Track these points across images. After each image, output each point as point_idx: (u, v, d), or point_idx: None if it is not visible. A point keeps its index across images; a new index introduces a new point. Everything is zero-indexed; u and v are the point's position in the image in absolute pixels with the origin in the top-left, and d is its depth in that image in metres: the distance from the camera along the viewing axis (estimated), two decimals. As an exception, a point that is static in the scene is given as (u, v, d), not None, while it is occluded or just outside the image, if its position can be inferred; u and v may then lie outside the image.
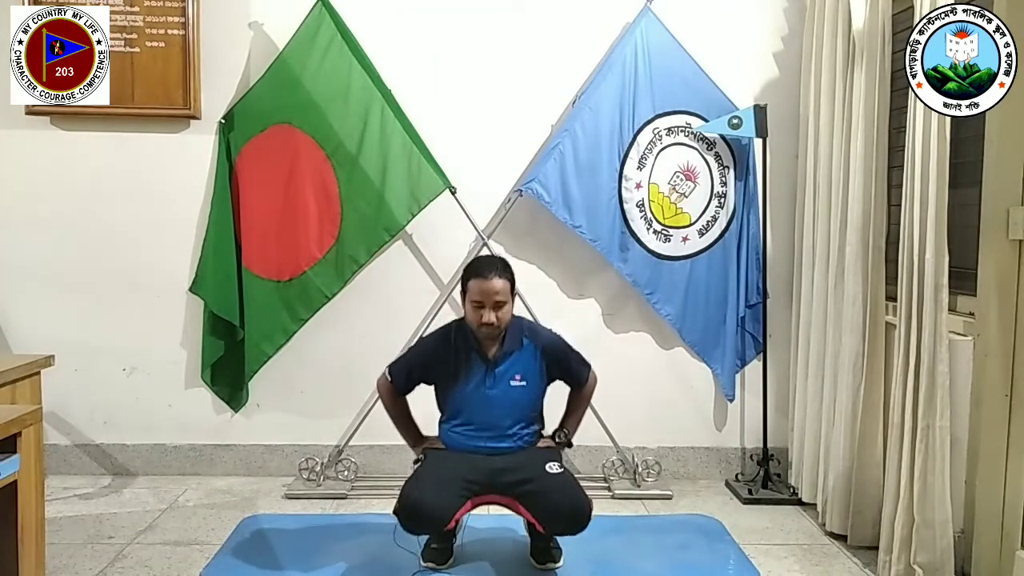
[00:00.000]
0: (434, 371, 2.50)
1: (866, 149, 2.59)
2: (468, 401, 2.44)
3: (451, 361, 2.45)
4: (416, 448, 2.56)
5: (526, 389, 2.46)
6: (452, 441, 2.48)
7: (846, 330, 2.70)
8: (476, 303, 2.37)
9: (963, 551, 2.34)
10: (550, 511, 2.32)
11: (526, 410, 2.49)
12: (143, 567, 2.46)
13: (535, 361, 2.47)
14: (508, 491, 2.37)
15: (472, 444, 2.43)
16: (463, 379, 2.44)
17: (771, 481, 3.19)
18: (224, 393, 3.26)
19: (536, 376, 2.48)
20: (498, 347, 2.44)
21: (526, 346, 2.47)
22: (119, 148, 3.19)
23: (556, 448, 2.53)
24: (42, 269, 3.22)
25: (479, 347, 2.44)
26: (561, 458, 2.48)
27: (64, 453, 3.28)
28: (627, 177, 3.13)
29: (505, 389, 2.43)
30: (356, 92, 3.04)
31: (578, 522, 2.30)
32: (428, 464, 2.44)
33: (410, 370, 2.52)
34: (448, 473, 2.36)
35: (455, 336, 2.48)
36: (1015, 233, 2.19)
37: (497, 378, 2.43)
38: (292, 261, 3.11)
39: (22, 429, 1.70)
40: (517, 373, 2.45)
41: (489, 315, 2.35)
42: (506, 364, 2.44)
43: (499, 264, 2.44)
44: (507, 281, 2.40)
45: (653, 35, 3.12)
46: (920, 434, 2.27)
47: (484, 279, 2.36)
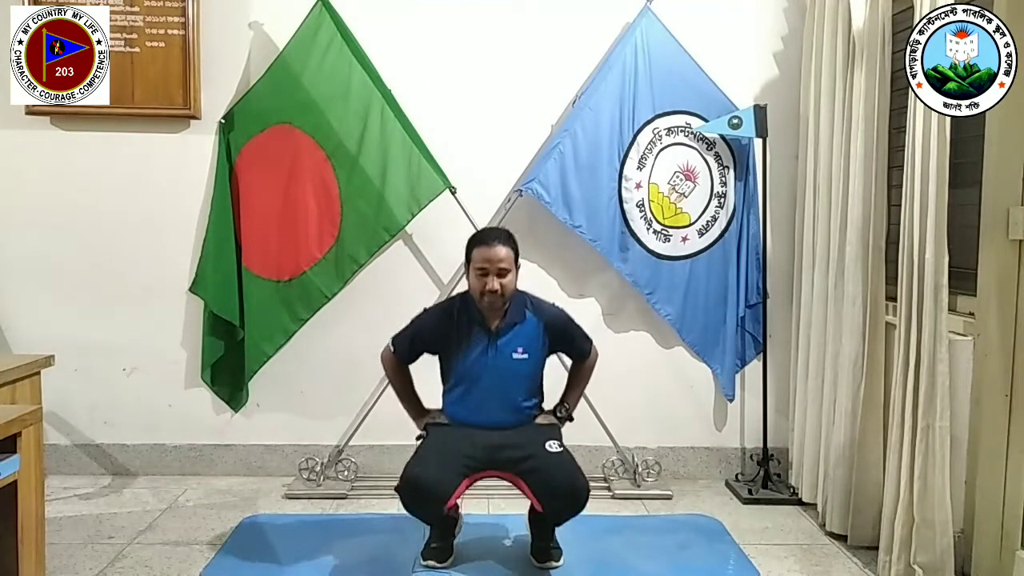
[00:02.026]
0: (437, 341, 2.50)
1: (866, 149, 2.59)
2: (470, 372, 2.45)
3: (454, 332, 2.46)
4: (419, 420, 2.57)
5: (528, 362, 2.46)
6: (454, 414, 2.48)
7: (846, 330, 2.70)
8: (480, 270, 2.38)
9: (963, 551, 2.34)
10: (549, 488, 2.32)
11: (527, 382, 2.50)
12: (143, 567, 2.46)
13: (537, 334, 2.47)
14: (508, 467, 2.39)
15: (474, 418, 2.44)
16: (465, 350, 2.44)
17: (771, 481, 3.19)
18: (224, 393, 3.25)
19: (538, 349, 2.48)
20: (501, 319, 2.45)
21: (529, 319, 2.47)
22: (119, 148, 3.19)
23: (557, 424, 2.54)
24: (42, 269, 3.22)
25: (482, 319, 2.44)
26: (561, 436, 2.49)
27: (64, 453, 3.28)
28: (627, 177, 3.13)
29: (507, 361, 2.44)
30: (356, 92, 3.04)
31: (576, 501, 2.31)
32: (429, 441, 2.45)
33: (412, 339, 2.52)
34: (449, 449, 2.37)
35: (458, 308, 2.49)
36: (1015, 233, 2.19)
37: (499, 350, 2.43)
38: (292, 261, 3.11)
39: (22, 429, 1.70)
40: (519, 346, 2.45)
41: (493, 282, 2.35)
42: (508, 336, 2.44)
43: (503, 233, 2.46)
44: (511, 250, 2.41)
45: (653, 35, 3.12)
46: (920, 434, 2.27)
47: (488, 246, 2.38)
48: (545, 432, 2.47)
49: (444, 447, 2.39)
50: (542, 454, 2.36)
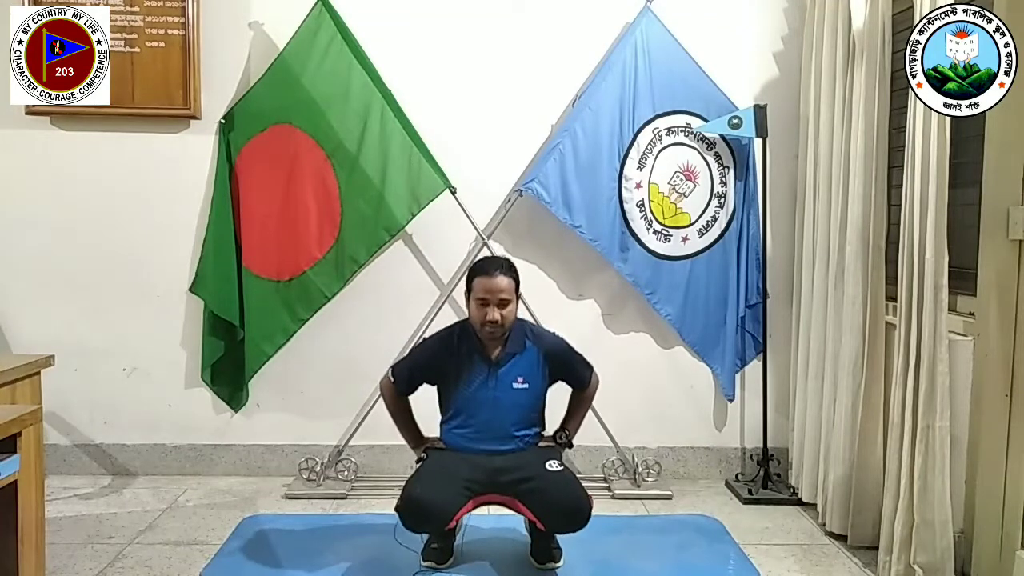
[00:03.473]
0: (436, 372, 2.50)
1: (866, 149, 2.59)
2: (470, 402, 2.44)
3: (453, 362, 2.45)
4: (417, 449, 2.57)
5: (528, 391, 2.46)
6: (453, 442, 2.48)
7: (846, 330, 2.70)
8: (481, 300, 2.37)
9: (963, 551, 2.34)
10: (550, 508, 2.32)
11: (527, 412, 2.49)
12: (143, 567, 2.46)
13: (537, 364, 2.47)
14: (508, 490, 2.37)
15: (473, 446, 2.43)
16: (465, 380, 2.44)
17: (771, 481, 3.19)
18: (224, 393, 3.25)
19: (538, 378, 2.48)
20: (501, 349, 2.45)
21: (529, 348, 2.47)
22: (119, 148, 3.19)
23: (556, 447, 2.53)
24: (42, 269, 3.22)
25: (482, 348, 2.45)
26: (561, 456, 2.48)
27: (64, 453, 3.28)
28: (627, 177, 3.13)
29: (507, 391, 2.43)
30: (356, 92, 3.04)
31: (578, 519, 2.30)
32: (430, 462, 2.44)
33: (412, 371, 2.53)
34: (450, 471, 2.36)
35: (458, 338, 2.48)
36: (1015, 233, 2.19)
37: (499, 380, 2.43)
38: (292, 261, 3.11)
39: (22, 429, 1.71)
40: (519, 375, 2.45)
41: (494, 313, 2.35)
42: (508, 366, 2.44)
43: (504, 263, 2.45)
44: (512, 280, 2.41)
45: (653, 35, 3.12)
46: (920, 434, 2.27)
47: (489, 276, 2.37)
48: (544, 453, 2.46)
49: (445, 469, 2.38)
50: (542, 474, 2.35)
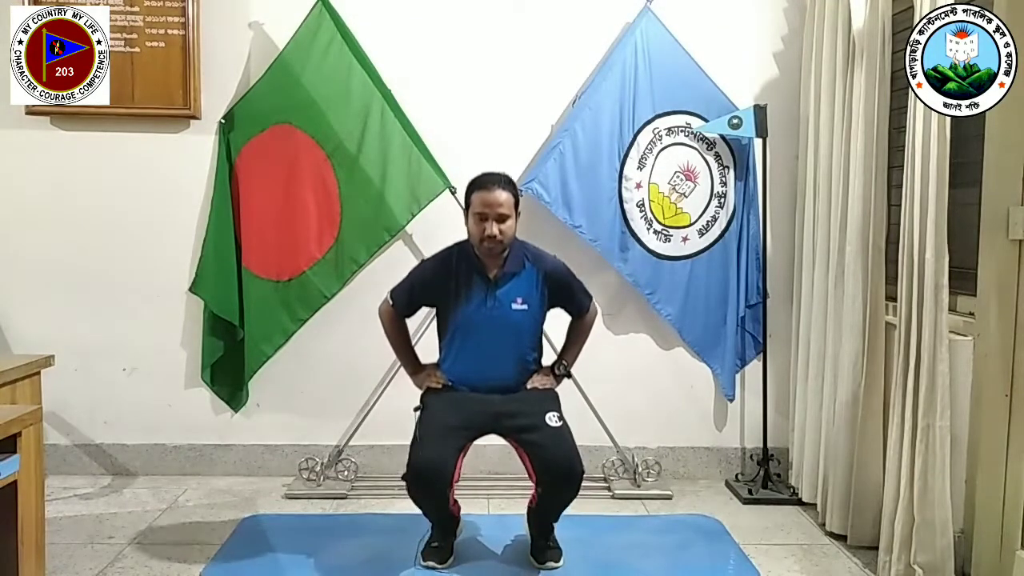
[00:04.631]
0: (436, 291, 2.48)
1: (866, 149, 2.59)
2: (468, 322, 2.43)
3: (452, 282, 2.43)
4: (415, 377, 2.56)
5: (527, 313, 2.44)
6: (452, 371, 2.47)
7: (846, 330, 2.70)
8: (479, 215, 2.35)
9: (963, 551, 2.34)
10: (547, 463, 2.31)
11: (527, 335, 2.48)
12: (143, 567, 2.47)
13: (537, 286, 2.45)
14: (511, 433, 2.39)
15: (472, 373, 2.43)
16: (464, 299, 2.41)
17: (771, 481, 3.19)
18: (224, 393, 3.25)
19: (537, 301, 2.46)
20: (500, 268, 2.42)
21: (528, 269, 2.45)
22: (119, 148, 3.19)
23: (556, 394, 2.52)
24: (42, 269, 3.22)
25: (480, 267, 2.42)
26: (560, 407, 2.46)
27: (64, 453, 3.28)
28: (627, 177, 3.13)
29: (506, 312, 2.41)
30: (356, 92, 3.04)
31: (571, 480, 2.30)
32: (427, 417, 2.42)
33: (411, 292, 2.51)
34: (449, 424, 2.35)
35: (456, 258, 2.46)
36: (1015, 233, 2.19)
37: (498, 300, 2.41)
38: (292, 261, 3.11)
39: (22, 429, 1.71)
40: (519, 296, 2.43)
41: (492, 227, 2.32)
42: (508, 286, 2.42)
43: (503, 178, 2.41)
44: (511, 195, 2.38)
45: (653, 35, 3.12)
46: (920, 434, 2.27)
47: (487, 190, 2.35)
48: (546, 402, 2.44)
49: (444, 421, 2.36)
50: (544, 427, 2.34)
